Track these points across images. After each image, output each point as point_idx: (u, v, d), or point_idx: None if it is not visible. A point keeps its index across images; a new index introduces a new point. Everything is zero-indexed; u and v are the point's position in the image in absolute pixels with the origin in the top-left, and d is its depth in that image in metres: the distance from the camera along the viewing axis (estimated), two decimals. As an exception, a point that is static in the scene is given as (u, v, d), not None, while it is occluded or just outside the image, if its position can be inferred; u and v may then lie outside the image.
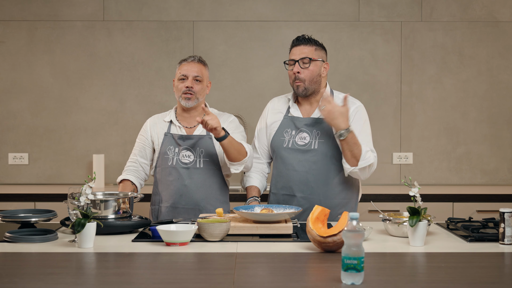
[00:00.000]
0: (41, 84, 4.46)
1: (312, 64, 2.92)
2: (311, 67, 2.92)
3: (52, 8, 4.44)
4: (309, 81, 2.93)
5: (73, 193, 2.36)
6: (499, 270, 2.09)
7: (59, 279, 1.91)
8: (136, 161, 3.11)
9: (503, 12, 4.47)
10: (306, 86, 2.93)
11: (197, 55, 3.08)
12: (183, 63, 3.05)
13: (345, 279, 1.84)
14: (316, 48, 2.96)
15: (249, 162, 2.97)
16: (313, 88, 2.95)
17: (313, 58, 2.92)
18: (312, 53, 2.93)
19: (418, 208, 2.37)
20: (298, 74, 2.92)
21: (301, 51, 2.94)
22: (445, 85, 4.48)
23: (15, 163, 4.45)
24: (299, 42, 2.96)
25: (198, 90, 3.01)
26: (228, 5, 4.47)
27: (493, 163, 4.49)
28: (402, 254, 2.27)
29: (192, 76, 3.00)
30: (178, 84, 3.03)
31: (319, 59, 2.94)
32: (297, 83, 2.94)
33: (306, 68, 2.92)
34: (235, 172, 2.97)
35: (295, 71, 2.92)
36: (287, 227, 2.50)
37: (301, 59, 2.92)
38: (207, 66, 3.09)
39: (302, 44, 2.95)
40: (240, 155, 2.89)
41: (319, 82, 2.96)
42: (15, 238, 2.40)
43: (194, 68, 3.01)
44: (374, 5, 4.46)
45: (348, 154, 2.84)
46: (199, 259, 2.18)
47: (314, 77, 2.93)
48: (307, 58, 2.92)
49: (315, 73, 2.93)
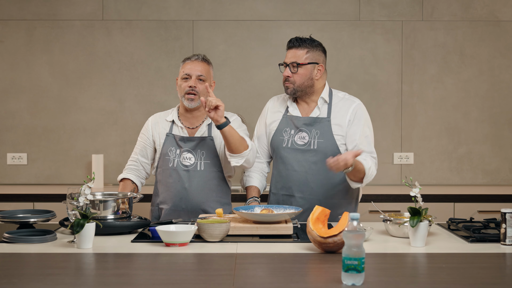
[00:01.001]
0: (40, 83, 4.45)
1: (301, 68, 2.91)
2: (300, 71, 2.92)
3: (51, 8, 4.43)
4: (299, 84, 2.93)
5: (72, 193, 2.35)
6: (501, 271, 2.09)
7: (58, 280, 1.90)
8: (137, 160, 3.09)
9: (505, 11, 4.46)
10: (295, 88, 2.93)
11: (201, 54, 3.03)
12: (187, 62, 3.00)
13: (345, 280, 1.83)
14: (309, 50, 2.93)
15: (251, 157, 2.89)
16: (304, 90, 2.94)
17: (302, 62, 2.91)
18: (302, 58, 2.91)
19: (419, 208, 2.37)
20: (288, 77, 2.93)
21: (292, 54, 2.94)
22: (446, 84, 4.47)
23: (14, 163, 4.44)
24: (291, 45, 2.96)
25: (201, 89, 2.96)
26: (228, 4, 4.46)
27: (495, 163, 4.48)
28: (403, 255, 2.26)
29: (196, 76, 2.96)
30: (182, 83, 2.98)
31: (310, 63, 2.92)
32: (286, 84, 2.95)
33: (295, 73, 2.91)
34: (236, 165, 2.88)
35: (285, 75, 2.94)
36: (287, 227, 2.49)
37: (291, 63, 2.92)
38: (212, 65, 3.05)
39: (294, 48, 2.95)
40: (241, 146, 2.83)
41: (311, 84, 2.94)
42: (13, 239, 2.39)
43: (198, 67, 2.97)
44: (374, 4, 4.45)
45: (353, 178, 2.86)
46: (199, 259, 2.18)
47: (304, 80, 2.92)
48: (295, 63, 2.91)
49: (305, 77, 2.92)
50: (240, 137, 2.84)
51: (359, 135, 2.90)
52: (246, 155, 2.85)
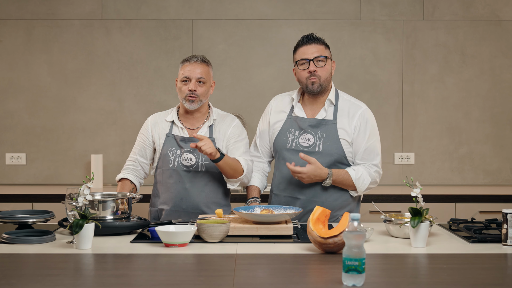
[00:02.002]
0: (39, 83, 4.43)
1: (327, 62, 2.90)
2: (326, 65, 2.90)
3: (50, 7, 4.42)
4: (324, 79, 2.90)
5: (71, 193, 2.35)
6: (502, 272, 2.10)
7: (57, 281, 1.90)
8: (136, 160, 3.07)
9: (506, 10, 4.45)
10: (321, 83, 2.89)
11: (200, 55, 2.99)
12: (186, 64, 2.96)
13: (346, 280, 1.83)
14: (325, 47, 2.94)
15: (246, 179, 2.97)
16: (326, 86, 2.92)
17: (328, 56, 2.91)
18: (324, 52, 2.91)
19: (420, 208, 2.37)
20: (315, 72, 2.88)
21: (313, 50, 2.89)
22: (447, 84, 4.46)
23: (13, 163, 4.43)
24: (309, 41, 2.91)
25: (201, 92, 2.94)
26: (228, 3, 4.45)
27: (496, 163, 4.47)
28: (404, 255, 2.26)
29: (196, 78, 2.92)
30: (181, 86, 2.95)
31: (330, 57, 2.94)
32: (313, 79, 2.88)
33: (322, 67, 2.89)
34: (231, 188, 2.99)
35: (311, 70, 2.88)
36: (288, 228, 2.49)
37: (315, 58, 2.88)
38: (211, 66, 3.02)
39: (313, 43, 2.91)
40: (236, 173, 2.90)
41: (330, 80, 2.95)
42: (12, 239, 2.39)
43: (197, 69, 2.93)
44: (375, 4, 4.44)
45: (344, 187, 2.91)
46: (199, 260, 2.18)
47: (328, 75, 2.91)
48: (322, 56, 2.89)
49: (328, 72, 2.92)
50: (235, 165, 2.89)
51: (364, 148, 2.90)
52: (241, 179, 2.94)
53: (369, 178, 2.88)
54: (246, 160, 2.94)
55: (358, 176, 2.86)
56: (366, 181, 2.88)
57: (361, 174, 2.87)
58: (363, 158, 2.91)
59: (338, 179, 2.85)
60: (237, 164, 2.89)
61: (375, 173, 2.91)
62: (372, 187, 2.92)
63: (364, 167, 2.89)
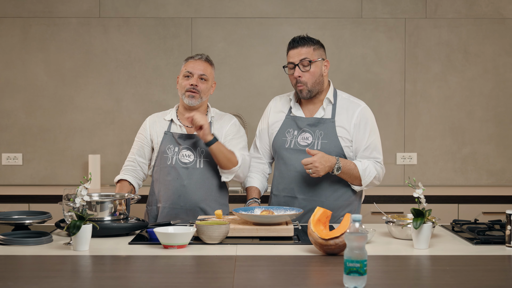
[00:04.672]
0: (36, 82, 4.41)
1: (312, 65, 2.87)
2: (312, 69, 2.87)
3: (47, 5, 4.40)
4: (312, 84, 2.88)
5: (68, 194, 2.35)
6: (505, 273, 2.09)
7: (54, 283, 1.90)
8: (134, 160, 3.07)
9: (510, 8, 4.43)
10: (310, 89, 2.88)
11: (204, 54, 3.05)
12: (190, 60, 3.01)
13: (347, 282, 1.83)
14: (315, 47, 2.90)
15: (241, 173, 2.94)
16: (317, 89, 2.91)
17: (313, 59, 2.86)
18: (311, 54, 2.87)
19: (423, 209, 2.36)
20: (300, 78, 2.86)
21: (299, 53, 2.87)
22: (450, 83, 4.44)
23: (9, 163, 4.41)
24: (296, 44, 2.89)
25: (202, 89, 2.97)
26: (227, 1, 4.43)
27: (500, 164, 4.45)
28: (406, 257, 2.26)
29: (198, 74, 2.96)
30: (183, 81, 2.99)
31: (318, 59, 2.88)
32: (300, 87, 2.88)
33: (307, 71, 2.86)
34: (226, 180, 2.97)
35: (296, 76, 2.87)
36: (288, 229, 2.48)
37: (301, 62, 2.86)
38: (214, 66, 3.06)
39: (299, 46, 2.88)
40: (230, 163, 2.89)
41: (322, 82, 2.92)
42: (8, 241, 2.39)
43: (201, 66, 2.98)
44: (377, 2, 4.42)
45: (349, 180, 2.89)
46: (198, 262, 2.17)
47: (316, 78, 2.88)
48: (306, 60, 2.86)
49: (316, 74, 2.88)
50: (229, 154, 2.89)
51: (365, 145, 2.90)
52: (235, 171, 2.92)
53: (375, 171, 2.88)
54: (242, 154, 2.95)
55: (365, 167, 2.87)
56: (372, 173, 2.87)
57: (367, 166, 2.87)
58: (365, 156, 2.91)
59: (346, 167, 2.82)
60: (232, 154, 2.90)
61: (380, 169, 2.92)
62: (375, 182, 2.92)
63: (369, 161, 2.90)
